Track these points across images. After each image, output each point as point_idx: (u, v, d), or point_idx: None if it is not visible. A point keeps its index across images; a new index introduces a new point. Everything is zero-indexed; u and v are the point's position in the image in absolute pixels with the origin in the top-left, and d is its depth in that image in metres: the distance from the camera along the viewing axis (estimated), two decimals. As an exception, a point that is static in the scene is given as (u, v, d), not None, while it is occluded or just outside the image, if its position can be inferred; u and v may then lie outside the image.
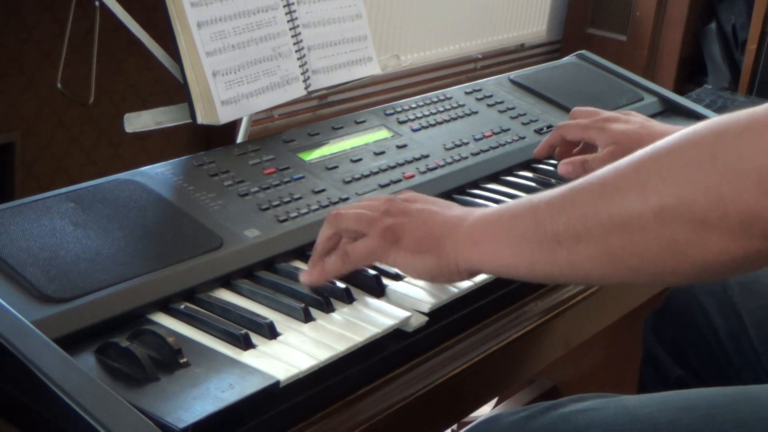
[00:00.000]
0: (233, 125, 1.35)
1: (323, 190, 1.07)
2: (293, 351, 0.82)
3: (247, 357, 0.80)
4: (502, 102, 1.40)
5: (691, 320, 1.18)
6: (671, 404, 0.84)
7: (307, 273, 0.91)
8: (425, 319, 0.91)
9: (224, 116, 1.12)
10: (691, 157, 0.72)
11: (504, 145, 1.29)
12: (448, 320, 0.93)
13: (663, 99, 1.57)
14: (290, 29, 1.22)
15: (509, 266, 0.84)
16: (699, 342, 1.17)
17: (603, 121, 1.21)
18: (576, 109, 1.29)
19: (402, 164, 1.17)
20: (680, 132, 0.75)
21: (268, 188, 1.04)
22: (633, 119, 1.22)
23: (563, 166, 1.19)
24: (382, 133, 1.23)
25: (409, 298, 0.92)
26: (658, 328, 1.23)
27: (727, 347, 1.13)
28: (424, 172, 1.17)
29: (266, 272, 0.94)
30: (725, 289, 1.17)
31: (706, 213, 0.71)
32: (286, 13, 1.21)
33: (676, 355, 1.21)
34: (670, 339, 1.21)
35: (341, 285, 0.92)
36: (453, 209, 0.91)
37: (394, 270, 0.95)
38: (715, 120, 0.73)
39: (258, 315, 0.86)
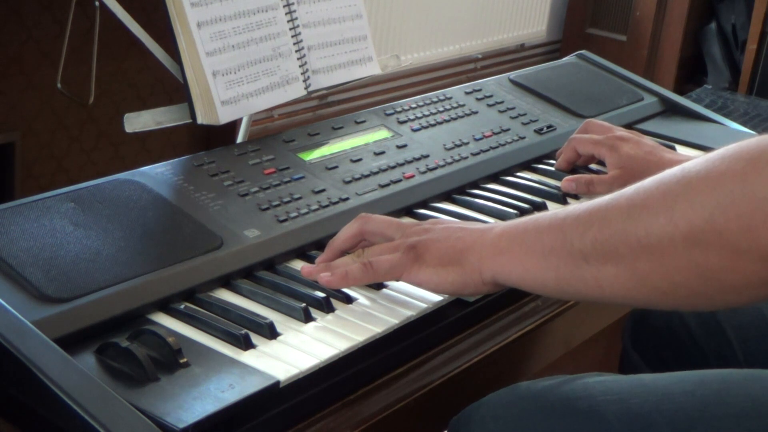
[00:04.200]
0: (233, 125, 1.35)
1: (323, 190, 1.07)
2: (293, 351, 0.82)
3: (247, 357, 0.80)
4: (502, 102, 1.40)
5: (675, 336, 1.16)
6: (686, 379, 0.85)
7: (323, 273, 0.91)
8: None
9: (224, 116, 1.12)
10: (721, 181, 0.72)
11: (504, 145, 1.29)
12: (448, 320, 0.93)
13: (663, 99, 1.57)
14: (290, 29, 1.22)
15: (536, 280, 0.84)
16: (686, 362, 1.15)
17: (615, 139, 1.22)
18: (589, 121, 1.29)
19: (402, 164, 1.17)
20: (708, 156, 0.74)
21: (268, 188, 1.04)
22: (644, 143, 1.22)
23: (566, 183, 1.20)
24: (382, 133, 1.23)
25: (410, 296, 0.92)
26: (637, 339, 1.21)
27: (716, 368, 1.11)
28: (424, 172, 1.17)
29: (266, 272, 0.94)
30: None
31: (738, 240, 0.71)
32: (286, 13, 1.21)
33: (658, 370, 1.19)
34: (652, 354, 1.19)
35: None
36: (476, 224, 0.92)
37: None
38: (744, 145, 0.73)
39: (258, 315, 0.86)
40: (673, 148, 1.35)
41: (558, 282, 0.82)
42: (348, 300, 0.91)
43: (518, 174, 1.26)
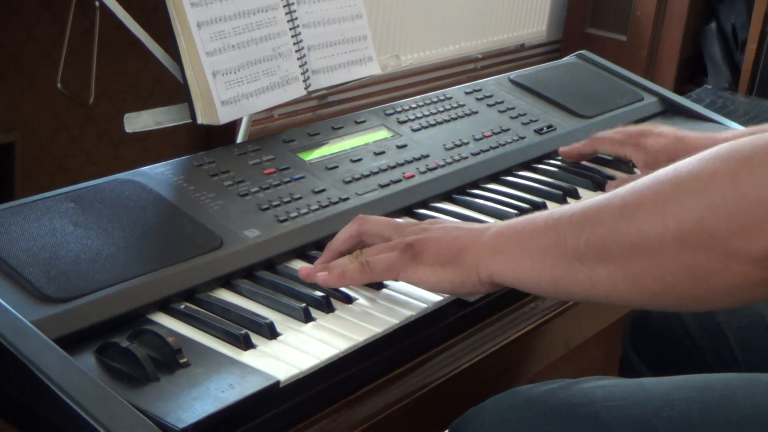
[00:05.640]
0: (233, 125, 1.35)
1: (323, 190, 1.07)
2: (293, 351, 0.82)
3: (247, 357, 0.80)
4: (502, 102, 1.40)
5: (674, 338, 1.16)
6: (688, 384, 0.85)
7: (320, 273, 0.91)
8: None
9: (224, 116, 1.12)
10: (712, 182, 0.72)
11: (504, 145, 1.29)
12: (448, 320, 0.93)
13: (663, 99, 1.57)
14: (290, 29, 1.22)
15: (531, 280, 0.84)
16: (685, 364, 1.15)
17: (637, 136, 1.21)
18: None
19: (402, 164, 1.17)
20: (701, 155, 0.74)
21: (268, 188, 1.04)
22: (665, 132, 1.21)
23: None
24: (382, 133, 1.23)
25: (410, 296, 0.92)
26: (636, 340, 1.20)
27: (715, 371, 1.11)
28: (424, 172, 1.17)
29: (266, 272, 0.94)
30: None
31: (728, 241, 0.70)
32: (286, 13, 1.21)
33: (658, 372, 1.19)
34: (652, 356, 1.19)
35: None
36: (472, 224, 0.92)
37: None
38: (736, 145, 0.73)
39: (258, 315, 0.86)
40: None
41: (552, 282, 0.83)
42: (348, 300, 0.91)
43: (518, 174, 1.26)
